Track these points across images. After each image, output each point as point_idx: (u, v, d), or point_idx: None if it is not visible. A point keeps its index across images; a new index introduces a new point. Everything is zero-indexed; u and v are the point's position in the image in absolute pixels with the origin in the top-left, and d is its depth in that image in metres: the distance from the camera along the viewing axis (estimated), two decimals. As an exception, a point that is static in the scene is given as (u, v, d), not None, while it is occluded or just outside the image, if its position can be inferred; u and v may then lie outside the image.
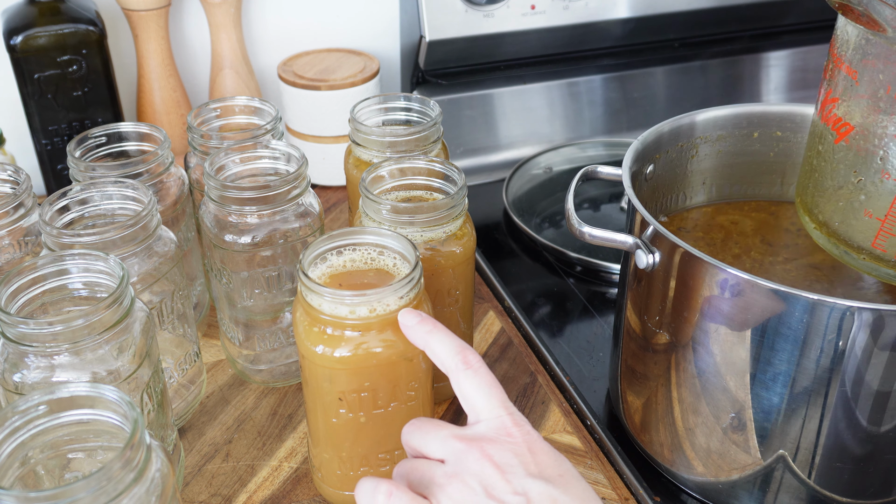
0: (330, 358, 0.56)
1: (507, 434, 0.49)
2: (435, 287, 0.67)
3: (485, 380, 0.52)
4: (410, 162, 0.69)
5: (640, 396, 0.68)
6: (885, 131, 0.55)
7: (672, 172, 0.74)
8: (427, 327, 0.54)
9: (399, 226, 0.64)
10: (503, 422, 0.50)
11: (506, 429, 0.50)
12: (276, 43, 1.10)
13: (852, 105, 0.57)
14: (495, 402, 0.51)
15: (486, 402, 0.51)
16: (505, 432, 0.50)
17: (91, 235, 0.62)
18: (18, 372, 0.54)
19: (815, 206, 0.62)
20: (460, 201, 0.66)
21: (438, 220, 0.65)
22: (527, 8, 1.08)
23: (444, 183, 0.69)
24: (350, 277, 0.60)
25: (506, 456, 0.48)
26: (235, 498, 0.66)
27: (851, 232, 0.59)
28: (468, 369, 0.52)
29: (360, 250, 0.61)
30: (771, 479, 0.61)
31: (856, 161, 0.57)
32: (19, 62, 0.87)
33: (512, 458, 0.48)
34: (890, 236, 0.57)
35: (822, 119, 0.60)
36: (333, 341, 0.56)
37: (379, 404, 0.59)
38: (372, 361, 0.57)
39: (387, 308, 0.56)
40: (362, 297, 0.55)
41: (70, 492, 0.41)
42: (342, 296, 0.55)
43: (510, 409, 0.51)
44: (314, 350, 0.57)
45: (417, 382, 0.60)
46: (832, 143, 0.59)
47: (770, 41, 1.26)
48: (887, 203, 0.56)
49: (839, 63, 0.57)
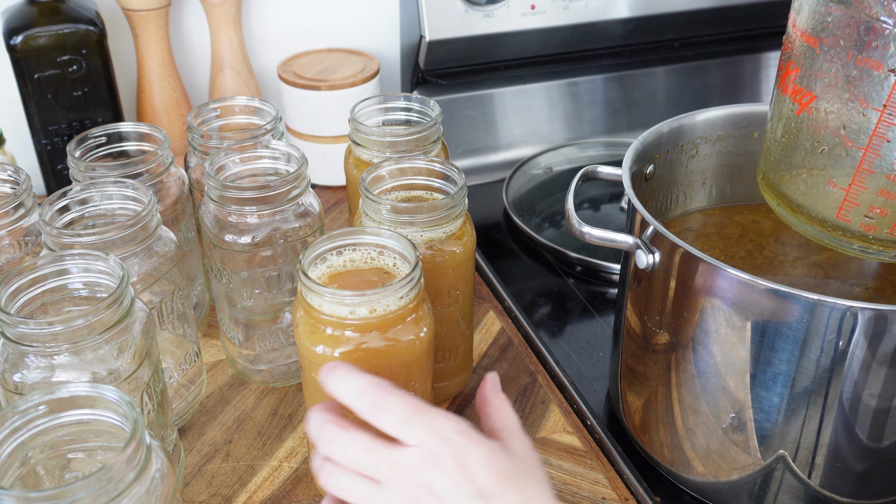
0: (330, 358, 0.57)
1: (434, 457, 0.48)
2: (435, 287, 0.67)
3: (398, 410, 0.50)
4: (410, 162, 0.69)
5: (640, 396, 0.68)
6: (847, 98, 0.54)
7: (672, 172, 0.74)
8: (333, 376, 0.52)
9: (399, 226, 0.64)
10: (429, 447, 0.49)
11: (432, 453, 0.48)
12: (276, 43, 1.10)
13: (813, 75, 0.56)
14: (416, 430, 0.49)
15: (406, 433, 0.49)
16: (431, 456, 0.48)
17: (91, 235, 0.62)
18: (18, 372, 0.54)
19: (778, 182, 0.61)
20: (460, 201, 0.66)
21: (438, 220, 0.65)
22: (527, 8, 1.08)
23: (444, 183, 0.69)
24: (350, 277, 0.60)
25: (438, 484, 0.47)
26: (235, 498, 0.66)
27: (816, 204, 0.58)
28: (373, 409, 0.50)
29: (361, 250, 0.61)
30: (771, 480, 0.61)
31: (818, 131, 0.57)
32: (19, 62, 0.87)
33: (446, 484, 0.47)
34: (854, 206, 0.56)
35: (783, 92, 0.59)
36: (333, 341, 0.56)
37: None
38: (371, 362, 0.57)
39: (387, 308, 0.56)
40: (362, 297, 0.55)
41: (70, 492, 0.41)
42: (342, 296, 0.55)
43: (432, 427, 0.49)
44: (314, 350, 0.57)
45: (417, 382, 0.60)
46: (794, 114, 0.58)
47: (770, 41, 1.26)
48: (851, 172, 0.55)
49: (799, 33, 0.57)
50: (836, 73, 0.54)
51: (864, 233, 0.57)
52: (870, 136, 0.53)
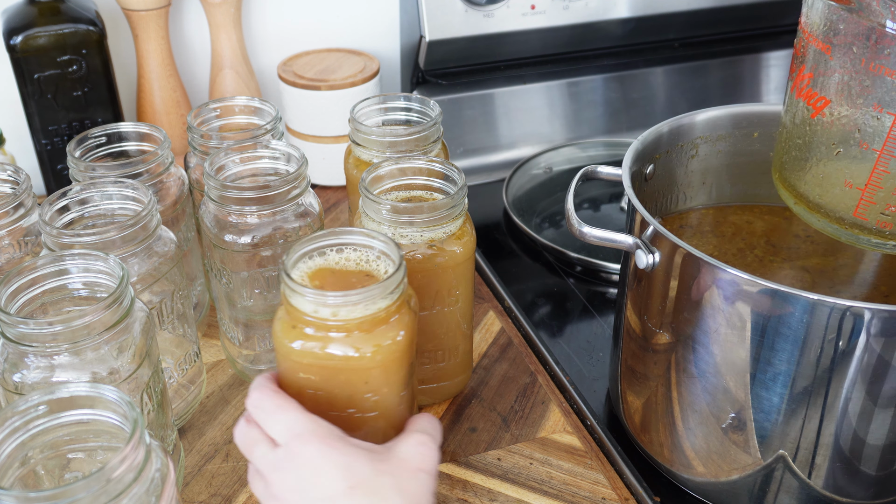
0: (309, 354, 0.56)
1: (291, 458, 0.53)
2: (435, 287, 0.67)
3: (267, 406, 0.56)
4: (410, 162, 0.69)
5: (640, 396, 0.68)
6: (861, 103, 0.55)
7: (672, 172, 0.74)
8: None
9: (399, 226, 0.64)
10: (290, 447, 0.53)
11: (290, 454, 0.53)
12: (276, 43, 1.10)
13: (827, 79, 0.57)
14: (277, 427, 0.54)
15: (270, 430, 0.55)
16: (289, 457, 0.53)
17: (91, 235, 0.62)
18: (18, 372, 0.54)
19: (795, 181, 0.62)
20: (460, 201, 0.66)
21: (439, 220, 0.65)
22: (527, 8, 1.08)
23: (444, 183, 0.68)
24: (333, 278, 0.60)
25: (287, 483, 0.53)
26: (235, 498, 0.66)
27: (833, 203, 0.60)
28: (253, 407, 0.56)
29: (346, 251, 0.61)
30: (771, 479, 0.61)
31: (833, 134, 0.58)
32: (19, 62, 0.87)
33: (293, 484, 0.52)
34: (871, 205, 0.57)
35: (797, 95, 0.60)
36: (312, 340, 0.56)
37: (339, 405, 0.58)
38: (347, 364, 0.56)
39: (365, 312, 0.55)
40: (344, 297, 0.54)
41: (70, 492, 0.41)
42: (324, 297, 0.55)
43: (292, 428, 0.54)
44: (291, 347, 0.57)
45: (395, 386, 0.59)
46: (809, 118, 0.59)
47: (770, 41, 1.26)
48: (867, 172, 0.57)
49: (811, 39, 0.57)
50: (850, 79, 0.55)
51: (881, 229, 0.58)
52: (884, 138, 0.55)
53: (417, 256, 0.65)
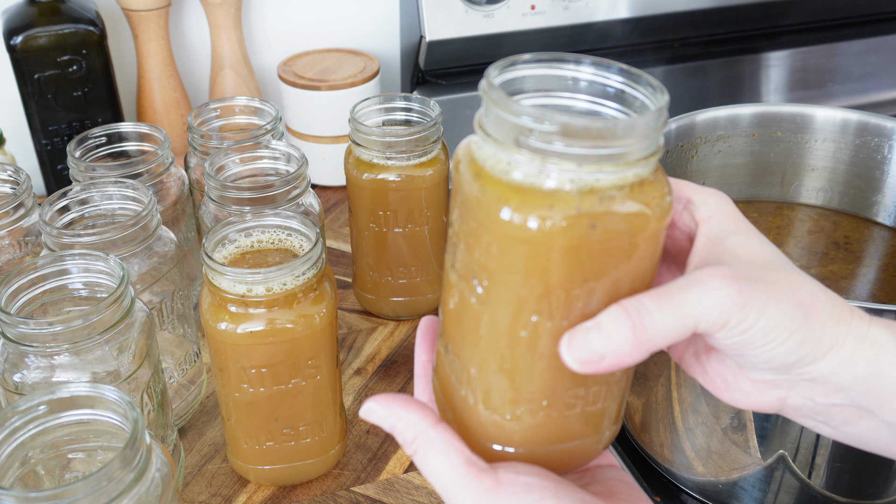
0: (232, 334, 0.58)
1: None
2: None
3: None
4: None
5: (640, 396, 0.68)
6: None
7: (672, 172, 0.74)
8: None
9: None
10: None
11: None
12: (276, 43, 1.10)
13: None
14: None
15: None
16: None
17: (91, 235, 0.62)
18: (18, 372, 0.54)
19: None
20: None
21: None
22: (527, 8, 1.08)
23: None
24: (256, 257, 0.62)
25: None
26: (235, 498, 0.66)
27: None
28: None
29: (269, 232, 0.63)
30: (771, 480, 0.61)
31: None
32: (19, 62, 0.87)
33: None
34: None
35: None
36: (235, 318, 0.58)
37: (280, 380, 0.61)
38: (269, 338, 0.58)
39: (283, 287, 0.58)
40: (258, 274, 0.57)
41: (70, 492, 0.41)
42: (242, 274, 0.57)
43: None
44: (216, 327, 0.59)
45: (318, 360, 0.61)
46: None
47: (770, 41, 1.26)
48: None
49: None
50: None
51: None
52: None
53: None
